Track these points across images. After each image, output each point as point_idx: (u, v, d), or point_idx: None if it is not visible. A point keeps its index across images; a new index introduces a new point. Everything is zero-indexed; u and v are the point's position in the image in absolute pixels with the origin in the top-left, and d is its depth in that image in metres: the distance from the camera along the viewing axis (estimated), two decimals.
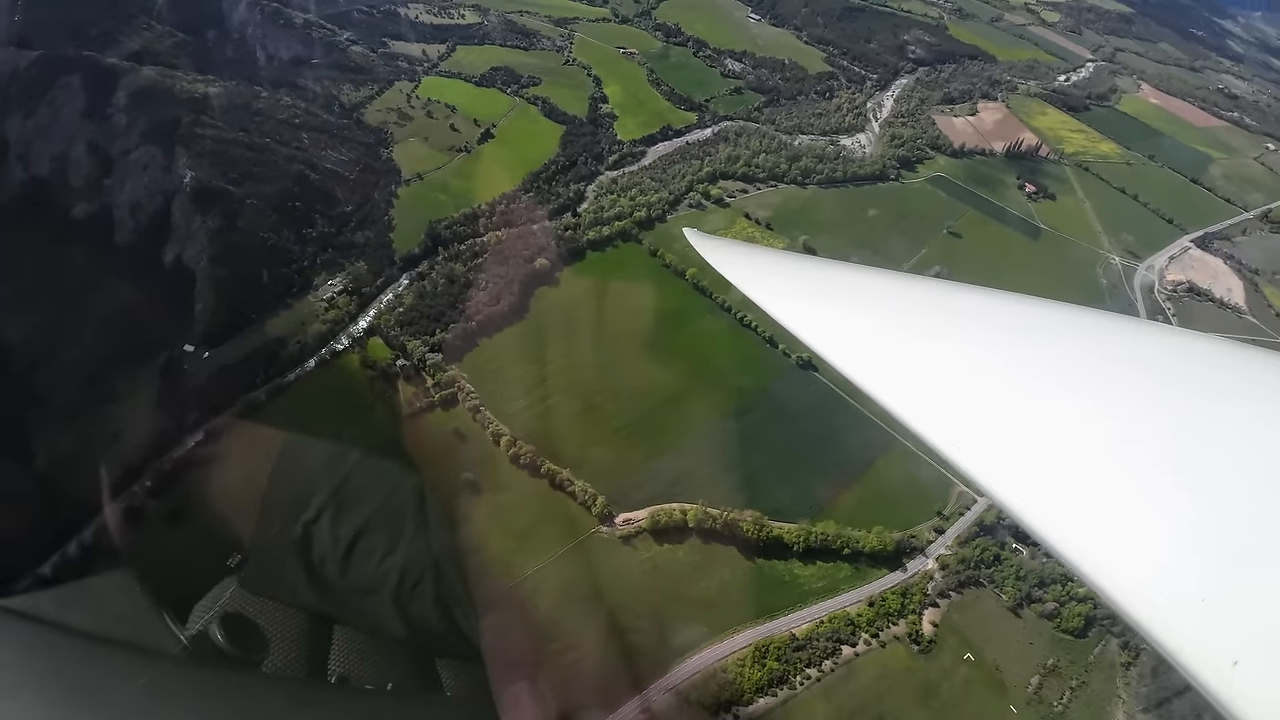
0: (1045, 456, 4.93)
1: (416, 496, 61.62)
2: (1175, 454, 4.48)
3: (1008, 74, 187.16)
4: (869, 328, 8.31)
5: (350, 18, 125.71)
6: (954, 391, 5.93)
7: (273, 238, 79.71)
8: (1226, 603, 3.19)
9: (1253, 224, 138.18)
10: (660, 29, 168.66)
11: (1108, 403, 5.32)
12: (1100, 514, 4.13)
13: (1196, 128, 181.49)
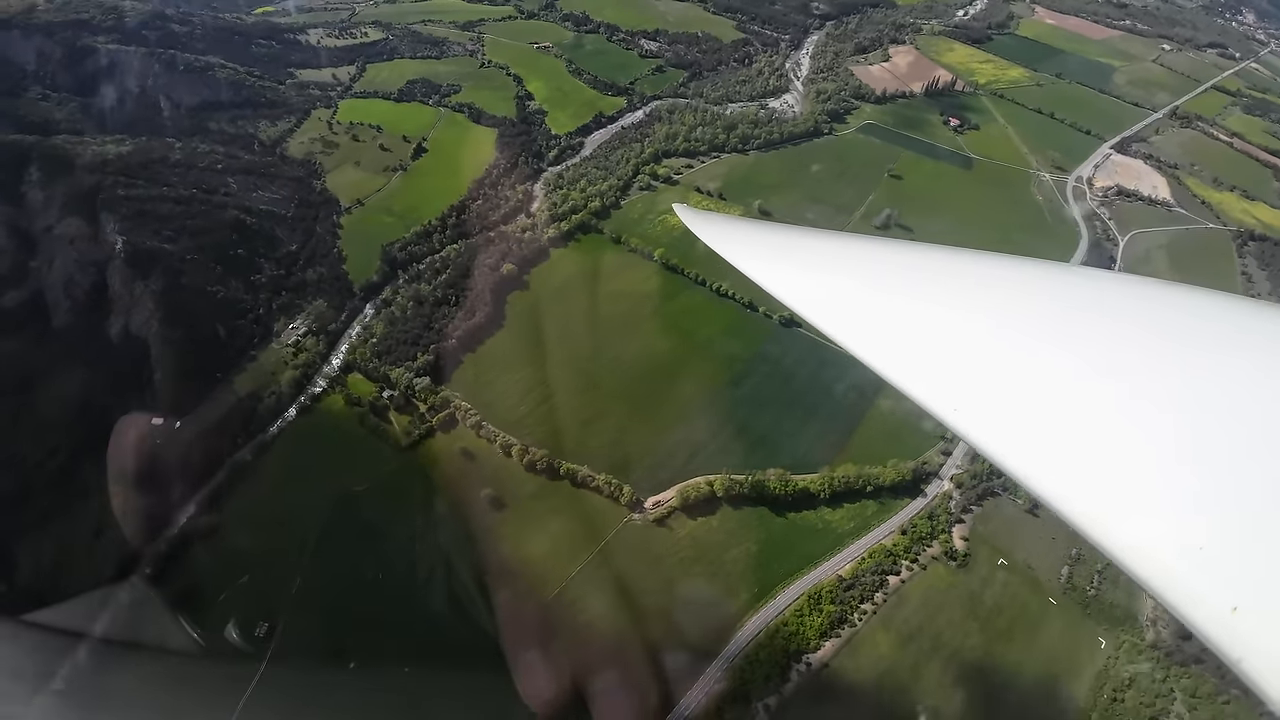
0: (1038, 413, 4.94)
1: (439, 525, 60.73)
2: (1168, 407, 4.48)
3: (909, 17, 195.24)
4: (856, 294, 8.49)
5: (250, 53, 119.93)
6: (943, 353, 5.94)
7: (221, 290, 75.74)
8: (1224, 551, 3.22)
9: (1164, 122, 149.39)
10: (569, 19, 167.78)
11: (1098, 357, 5.38)
12: (1097, 467, 4.17)
13: (1094, 41, 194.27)
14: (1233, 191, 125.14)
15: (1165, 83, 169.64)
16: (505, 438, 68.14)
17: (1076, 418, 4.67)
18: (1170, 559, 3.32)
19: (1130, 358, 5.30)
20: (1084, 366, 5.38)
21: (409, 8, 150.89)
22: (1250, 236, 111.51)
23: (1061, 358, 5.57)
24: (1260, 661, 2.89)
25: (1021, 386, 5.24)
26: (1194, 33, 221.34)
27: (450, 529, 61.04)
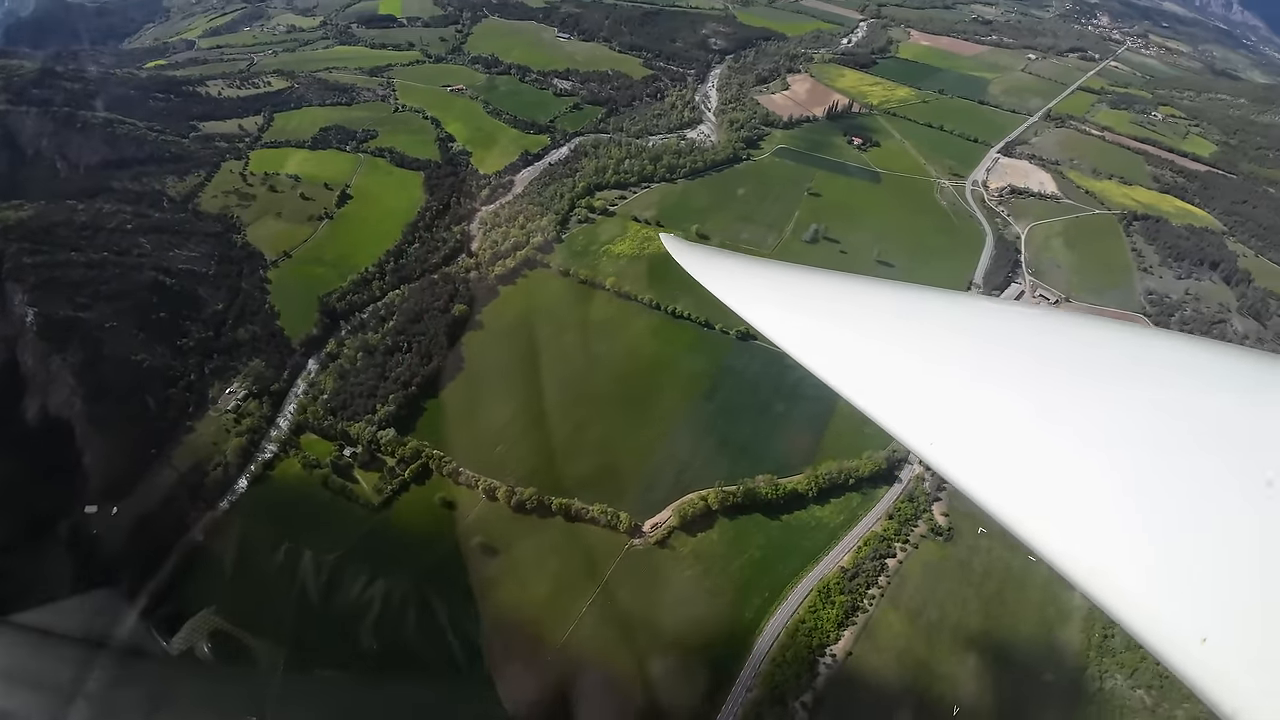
0: (1007, 448, 5.12)
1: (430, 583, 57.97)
2: (1135, 441, 4.61)
3: (800, 47, 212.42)
4: (836, 330, 8.87)
5: (149, 107, 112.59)
6: (919, 388, 6.19)
7: (147, 358, 69.54)
8: (1193, 581, 3.28)
9: (1040, 125, 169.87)
10: (479, 62, 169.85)
11: (1064, 392, 5.58)
12: (1062, 498, 4.26)
13: (966, 57, 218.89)
14: (1111, 179, 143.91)
15: (1036, 88, 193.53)
16: (487, 481, 66.32)
17: (1044, 451, 4.76)
18: (1140, 591, 3.35)
19: (1092, 392, 5.48)
20: (1052, 400, 5.55)
21: (311, 56, 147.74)
22: (1134, 217, 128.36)
23: (1031, 393, 5.75)
24: (1231, 694, 2.94)
25: (993, 421, 5.37)
26: (1055, 40, 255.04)
27: (443, 586, 58.21)
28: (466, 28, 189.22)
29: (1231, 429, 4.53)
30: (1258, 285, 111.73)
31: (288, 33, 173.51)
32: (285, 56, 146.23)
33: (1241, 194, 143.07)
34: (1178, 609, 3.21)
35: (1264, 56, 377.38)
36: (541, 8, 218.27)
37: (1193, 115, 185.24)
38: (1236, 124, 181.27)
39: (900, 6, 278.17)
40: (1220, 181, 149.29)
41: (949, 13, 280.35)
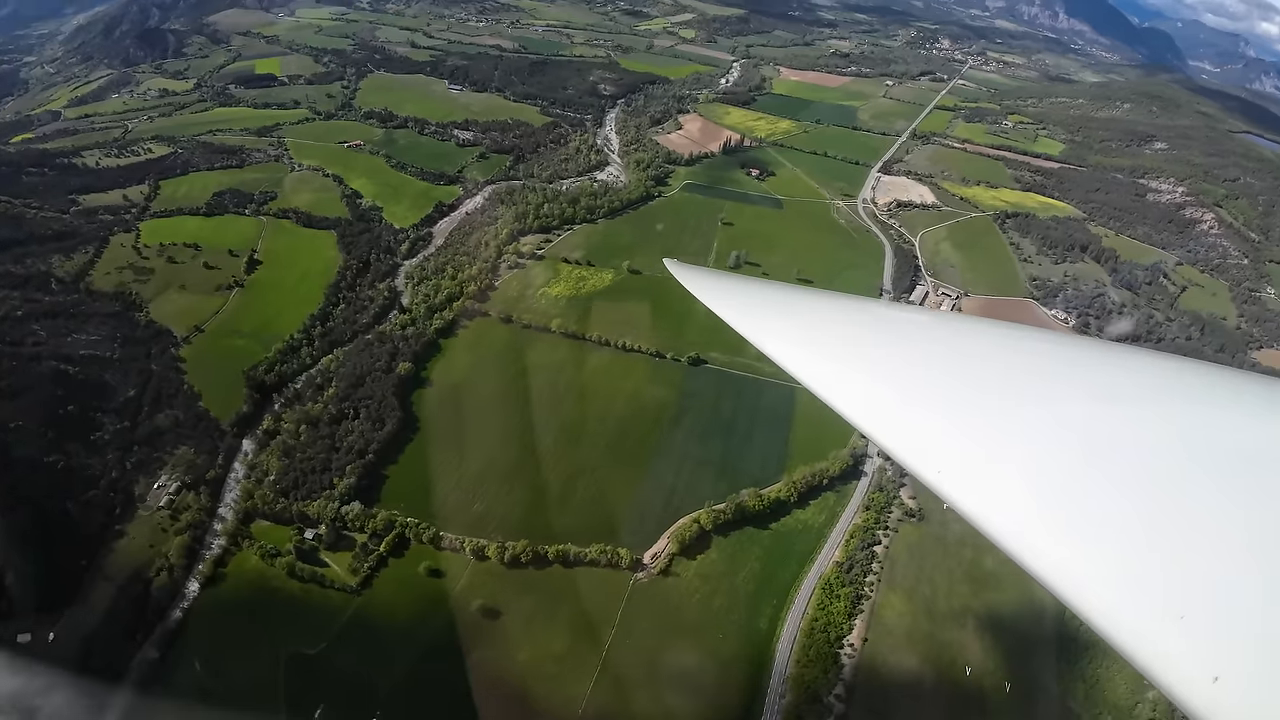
0: (1015, 474, 5.04)
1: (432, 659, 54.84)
2: (1147, 469, 4.51)
3: (685, 89, 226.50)
4: (842, 353, 8.93)
5: (22, 183, 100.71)
6: (924, 414, 6.10)
7: (59, 458, 61.17)
8: (1205, 619, 3.24)
9: (909, 143, 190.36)
10: (372, 117, 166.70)
11: (1074, 419, 5.45)
12: (1074, 532, 4.14)
13: (833, 88, 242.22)
14: (979, 185, 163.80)
15: (899, 111, 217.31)
16: (474, 541, 63.87)
17: (1052, 480, 4.66)
18: (1150, 628, 3.32)
19: (1101, 417, 5.42)
20: (1059, 429, 5.46)
21: (191, 119, 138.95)
22: (1006, 216, 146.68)
23: (1039, 420, 5.65)
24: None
25: (1000, 449, 5.29)
26: (907, 67, 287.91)
27: (447, 659, 55.08)
28: (353, 83, 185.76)
29: (1249, 455, 4.46)
30: (1124, 259, 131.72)
31: (160, 97, 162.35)
32: (162, 121, 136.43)
33: (1093, 183, 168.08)
34: (1188, 647, 3.15)
35: (1092, 57, 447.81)
36: (427, 61, 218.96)
37: (1038, 119, 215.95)
38: (1078, 122, 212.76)
39: (765, 46, 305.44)
40: (1073, 175, 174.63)
41: (809, 49, 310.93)
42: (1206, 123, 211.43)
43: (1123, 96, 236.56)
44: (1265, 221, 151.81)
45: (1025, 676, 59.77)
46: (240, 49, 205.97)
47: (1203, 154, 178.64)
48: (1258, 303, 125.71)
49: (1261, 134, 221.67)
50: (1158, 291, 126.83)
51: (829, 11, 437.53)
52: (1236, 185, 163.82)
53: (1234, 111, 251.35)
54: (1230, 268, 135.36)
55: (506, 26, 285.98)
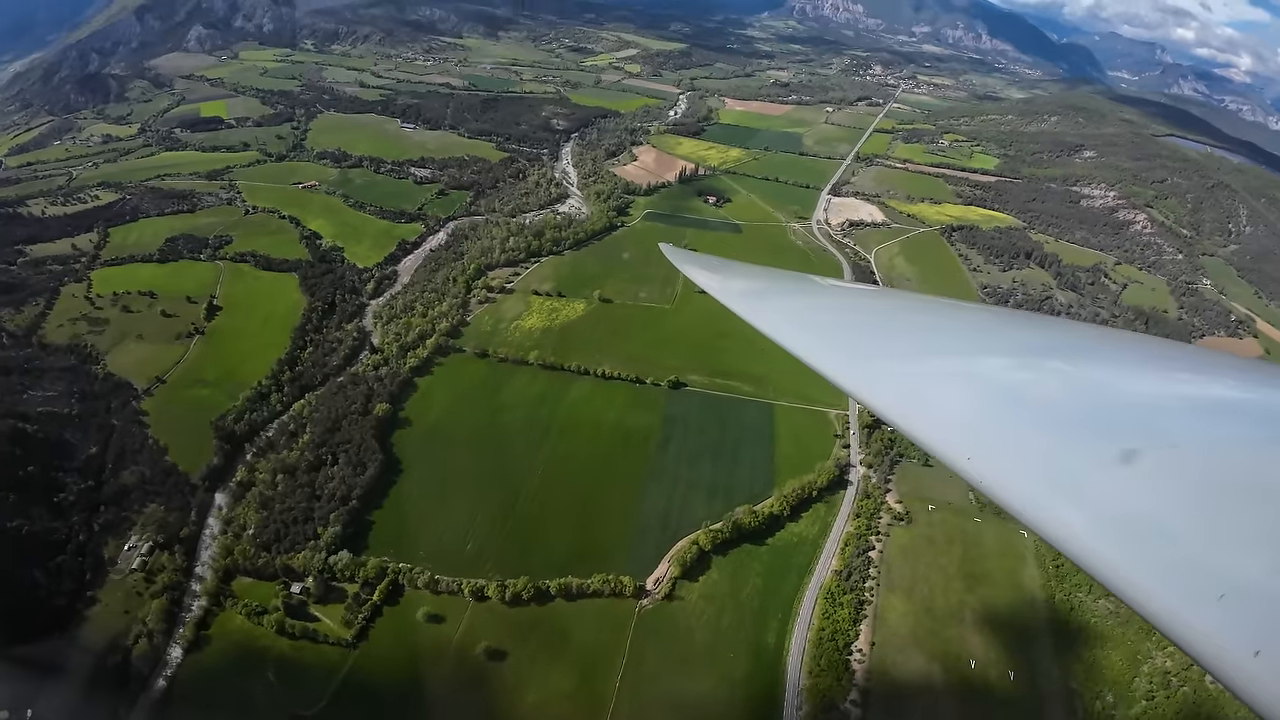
0: (1045, 459, 4.82)
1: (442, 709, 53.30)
2: (1175, 448, 4.44)
3: (635, 122, 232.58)
4: (826, 323, 9.04)
5: None
6: (946, 399, 5.97)
7: (22, 523, 57.33)
8: (1245, 597, 3.22)
9: (854, 165, 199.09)
10: (325, 157, 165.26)
11: (1103, 403, 5.43)
12: (1111, 513, 4.06)
13: (776, 116, 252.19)
14: (924, 202, 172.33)
15: (841, 136, 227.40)
16: (472, 582, 62.54)
17: (1083, 462, 4.59)
18: (1190, 604, 3.28)
19: (1129, 401, 5.42)
20: (1088, 412, 5.42)
21: (137, 164, 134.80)
22: (951, 229, 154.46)
23: (1065, 404, 5.57)
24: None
25: (1028, 433, 5.21)
26: (844, 93, 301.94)
27: (455, 707, 53.50)
28: (303, 124, 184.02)
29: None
30: (1066, 263, 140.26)
31: (104, 143, 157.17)
32: (108, 168, 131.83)
33: (1029, 194, 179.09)
34: (1230, 625, 3.15)
35: (1017, 75, 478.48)
36: (377, 100, 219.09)
37: (972, 136, 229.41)
38: (1009, 137, 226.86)
39: (709, 79, 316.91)
40: (1009, 187, 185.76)
41: (750, 80, 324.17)
42: (1131, 129, 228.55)
43: (1049, 110, 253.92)
44: (1195, 218, 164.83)
45: (1026, 663, 62.27)
46: (184, 92, 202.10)
47: (1130, 159, 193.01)
48: (1195, 294, 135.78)
49: (1184, 136, 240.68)
50: (1100, 291, 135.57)
51: (765, 44, 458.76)
52: (1165, 186, 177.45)
53: (1156, 117, 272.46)
54: (1166, 264, 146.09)
55: (455, 65, 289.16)
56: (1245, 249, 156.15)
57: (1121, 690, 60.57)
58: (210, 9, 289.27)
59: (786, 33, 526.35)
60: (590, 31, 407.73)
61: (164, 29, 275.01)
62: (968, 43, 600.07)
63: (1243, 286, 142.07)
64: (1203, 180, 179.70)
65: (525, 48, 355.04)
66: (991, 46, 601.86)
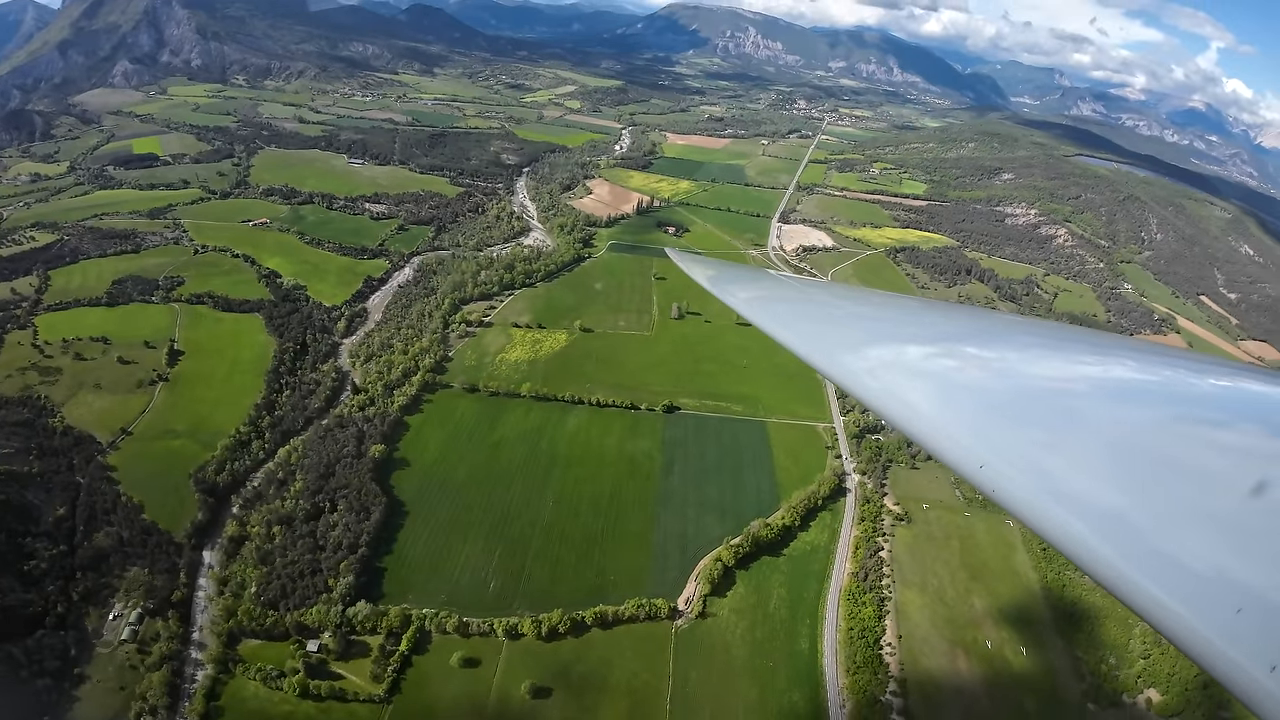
0: (1057, 468, 4.61)
1: None
2: (1187, 459, 4.30)
3: (585, 156, 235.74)
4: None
5: None
6: (956, 404, 5.73)
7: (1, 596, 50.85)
8: (1262, 611, 3.13)
9: (796, 194, 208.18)
10: (273, 194, 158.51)
11: (1109, 410, 5.25)
12: (1124, 525, 3.91)
13: (717, 149, 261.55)
14: (865, 226, 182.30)
15: (779, 167, 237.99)
16: (504, 621, 60.16)
17: (1096, 471, 4.38)
18: (1206, 619, 3.19)
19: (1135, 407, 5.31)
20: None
21: (71, 204, 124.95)
22: (895, 250, 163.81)
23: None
24: None
25: (1042, 439, 4.94)
26: (776, 126, 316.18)
27: None
28: (244, 160, 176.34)
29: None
30: (1002, 277, 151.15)
31: (32, 182, 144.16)
32: (40, 208, 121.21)
33: (959, 215, 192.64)
34: (1247, 639, 3.03)
35: (928, 105, 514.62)
36: (319, 136, 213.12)
37: (899, 164, 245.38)
38: (933, 163, 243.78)
39: (646, 114, 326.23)
40: (939, 209, 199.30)
41: (686, 115, 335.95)
42: (1043, 151, 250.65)
43: (966, 137, 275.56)
44: (1110, 229, 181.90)
45: (1033, 639, 66.62)
46: (113, 129, 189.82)
47: (1045, 179, 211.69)
48: (1119, 298, 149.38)
49: (1092, 154, 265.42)
50: (1035, 300, 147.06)
51: (695, 80, 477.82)
52: (1080, 202, 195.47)
53: (1063, 138, 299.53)
54: (1089, 272, 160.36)
55: (395, 100, 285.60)
56: (1158, 254, 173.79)
57: (1120, 653, 65.71)
58: (136, 44, 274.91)
59: (713, 70, 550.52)
60: (526, 68, 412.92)
61: (88, 64, 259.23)
62: (880, 76, 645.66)
63: (1160, 288, 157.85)
64: (1114, 194, 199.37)
65: (463, 84, 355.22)
66: (903, 79, 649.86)
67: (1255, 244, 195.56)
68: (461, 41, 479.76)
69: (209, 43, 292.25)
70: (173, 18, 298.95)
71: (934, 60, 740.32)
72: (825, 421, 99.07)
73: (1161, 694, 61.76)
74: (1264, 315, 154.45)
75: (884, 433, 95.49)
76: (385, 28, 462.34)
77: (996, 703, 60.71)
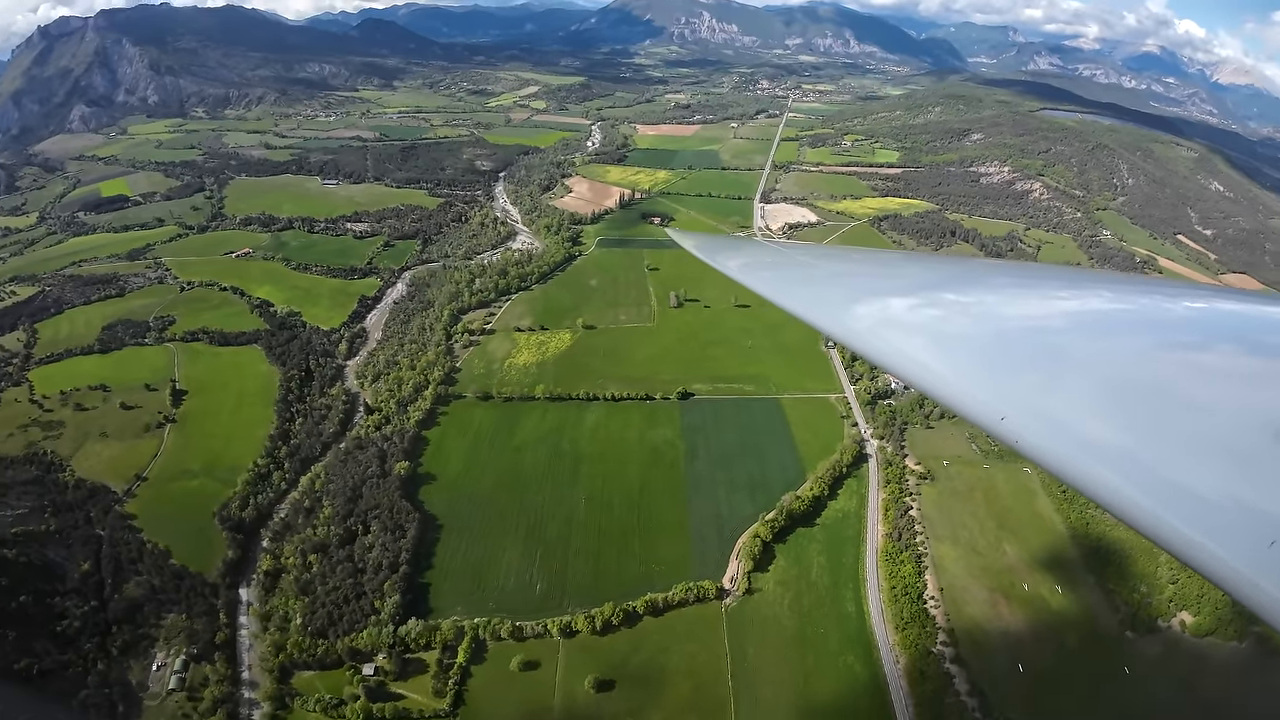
0: (1081, 415, 4.41)
1: None
2: (1212, 398, 4.19)
3: (558, 155, 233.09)
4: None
5: None
6: (970, 357, 5.57)
7: (30, 661, 49.07)
8: None
9: (773, 174, 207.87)
10: (251, 223, 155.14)
11: (1133, 356, 5.03)
12: (1138, 464, 3.82)
13: (688, 137, 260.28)
14: (846, 199, 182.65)
15: (753, 149, 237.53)
16: (558, 620, 59.68)
17: (1120, 416, 4.24)
18: (1243, 556, 3.12)
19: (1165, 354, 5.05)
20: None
21: (47, 254, 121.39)
22: (879, 219, 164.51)
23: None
24: None
25: (1062, 388, 4.74)
26: (743, 109, 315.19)
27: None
28: (216, 193, 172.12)
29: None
30: (986, 236, 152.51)
31: (4, 236, 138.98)
32: (16, 261, 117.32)
33: (934, 179, 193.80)
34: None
35: (888, 73, 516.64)
36: (289, 160, 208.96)
37: (869, 134, 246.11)
38: (902, 131, 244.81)
39: (613, 108, 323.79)
40: (914, 175, 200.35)
41: (653, 105, 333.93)
42: (1008, 109, 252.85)
43: (931, 102, 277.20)
44: (1083, 179, 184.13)
45: (1066, 578, 68.12)
46: (78, 174, 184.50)
47: (1013, 135, 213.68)
48: (1100, 245, 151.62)
49: (1055, 107, 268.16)
50: (1020, 255, 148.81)
51: (655, 70, 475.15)
52: (1050, 155, 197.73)
53: (1025, 94, 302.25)
54: (1068, 223, 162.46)
55: (359, 117, 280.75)
56: (1132, 199, 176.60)
57: (1150, 581, 67.25)
58: (90, 86, 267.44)
59: (672, 58, 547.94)
60: (486, 73, 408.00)
61: (44, 112, 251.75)
62: (838, 49, 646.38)
63: (1137, 232, 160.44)
64: (1082, 144, 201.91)
65: (424, 94, 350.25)
66: (860, 50, 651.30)
67: (1224, 180, 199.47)
68: (417, 52, 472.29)
69: (163, 78, 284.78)
70: (124, 56, 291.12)
71: (889, 28, 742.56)
72: (836, 392, 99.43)
73: (1194, 615, 63.46)
74: (1240, 248, 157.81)
75: (895, 397, 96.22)
76: (339, 45, 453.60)
77: (1041, 641, 62.09)
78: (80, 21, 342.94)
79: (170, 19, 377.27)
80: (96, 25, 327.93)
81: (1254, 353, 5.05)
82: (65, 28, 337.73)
